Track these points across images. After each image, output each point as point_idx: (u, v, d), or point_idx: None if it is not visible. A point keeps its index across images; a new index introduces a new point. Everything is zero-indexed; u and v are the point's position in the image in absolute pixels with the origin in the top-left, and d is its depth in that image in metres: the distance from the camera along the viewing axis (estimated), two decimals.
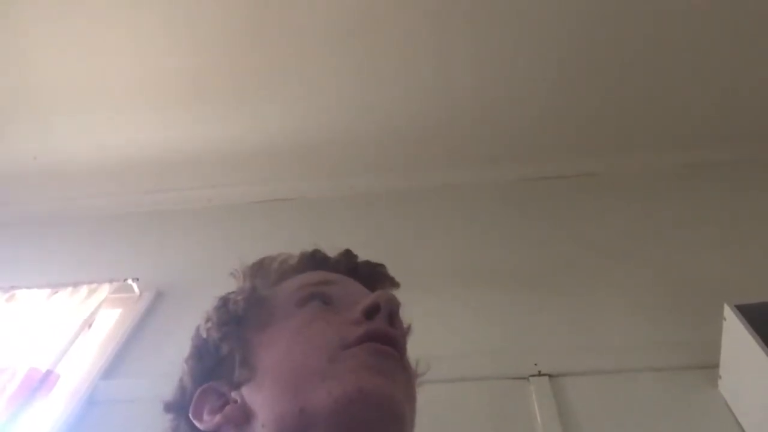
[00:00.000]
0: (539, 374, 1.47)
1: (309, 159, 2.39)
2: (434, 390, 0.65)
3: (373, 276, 0.66)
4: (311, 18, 1.92)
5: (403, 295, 0.63)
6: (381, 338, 0.52)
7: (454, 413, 1.38)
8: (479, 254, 1.98)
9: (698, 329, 1.48)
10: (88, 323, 1.84)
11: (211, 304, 0.62)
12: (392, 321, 0.54)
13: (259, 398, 0.51)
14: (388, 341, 0.52)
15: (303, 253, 0.67)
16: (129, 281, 1.96)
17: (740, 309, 1.25)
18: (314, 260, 0.66)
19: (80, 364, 1.74)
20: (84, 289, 1.93)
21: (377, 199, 2.34)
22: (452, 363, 1.47)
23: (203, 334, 0.60)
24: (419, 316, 0.64)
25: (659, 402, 1.38)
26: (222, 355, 0.56)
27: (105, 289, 1.92)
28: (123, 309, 1.95)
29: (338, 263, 0.66)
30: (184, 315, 1.87)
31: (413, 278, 0.70)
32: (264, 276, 0.65)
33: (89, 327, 1.84)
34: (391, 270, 0.69)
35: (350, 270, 0.65)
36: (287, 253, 0.68)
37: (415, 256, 1.94)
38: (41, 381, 1.60)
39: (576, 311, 1.68)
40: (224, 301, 0.62)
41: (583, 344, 1.57)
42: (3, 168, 2.41)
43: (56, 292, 1.93)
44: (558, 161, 2.32)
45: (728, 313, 1.27)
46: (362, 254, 0.69)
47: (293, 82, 2.13)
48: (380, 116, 2.23)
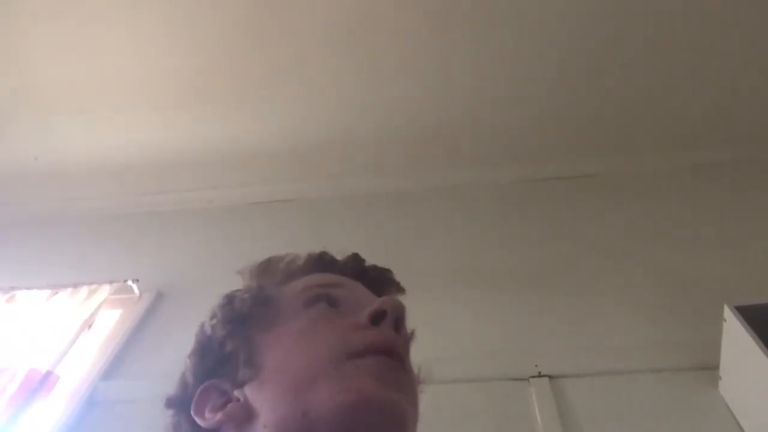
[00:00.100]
0: (539, 375, 1.47)
1: (309, 159, 2.39)
2: (434, 391, 0.65)
3: (380, 281, 0.66)
4: (311, 18, 1.92)
5: (403, 296, 0.63)
6: (386, 350, 0.52)
7: (455, 414, 1.38)
8: (479, 255, 1.98)
9: (698, 330, 1.48)
10: (88, 324, 1.84)
11: (217, 301, 0.62)
12: (398, 327, 0.54)
13: (262, 398, 0.50)
14: (393, 353, 0.52)
15: (310, 255, 0.67)
16: (129, 282, 1.96)
17: (740, 310, 1.25)
18: (322, 262, 0.66)
19: (80, 365, 1.75)
20: (84, 290, 1.93)
21: (377, 200, 2.34)
22: (452, 364, 1.47)
23: (207, 331, 0.60)
24: (419, 317, 0.64)
25: (659, 403, 1.38)
26: (226, 353, 0.56)
27: (105, 290, 1.92)
28: (123, 310, 1.95)
29: (345, 266, 0.66)
30: (185, 316, 1.87)
31: (413, 279, 0.70)
32: (271, 275, 0.65)
33: (89, 328, 1.84)
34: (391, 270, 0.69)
35: (357, 274, 0.65)
36: (294, 254, 0.67)
37: (415, 257, 1.94)
38: (41, 382, 1.60)
39: (576, 312, 1.68)
40: (230, 299, 0.61)
41: (584, 345, 1.57)
42: (3, 168, 2.41)
43: (56, 293, 1.93)
44: (558, 161, 2.32)
45: (728, 314, 1.27)
46: (362, 255, 0.69)
47: (293, 82, 2.13)
48: (380, 116, 2.23)
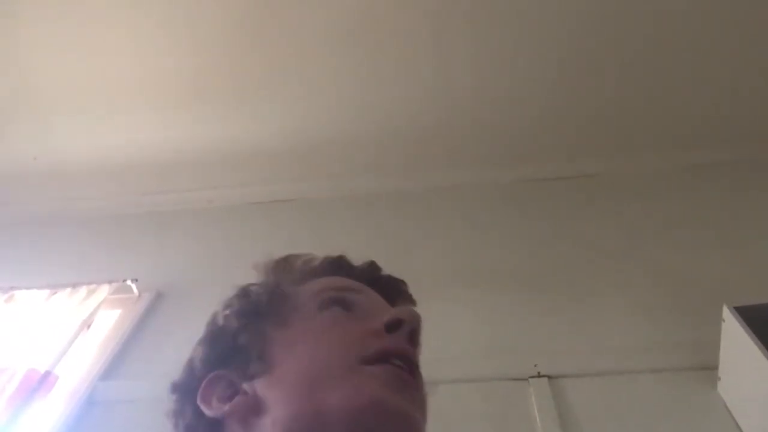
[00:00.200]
0: (539, 375, 1.47)
1: (309, 159, 2.39)
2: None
3: (394, 291, 0.66)
4: (311, 18, 1.93)
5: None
6: (399, 356, 0.52)
7: (454, 414, 1.38)
8: (479, 255, 1.98)
9: (697, 330, 1.48)
10: (87, 324, 1.84)
11: (232, 292, 0.62)
12: (412, 338, 0.55)
13: (273, 395, 0.51)
14: (407, 360, 0.52)
15: (327, 257, 0.67)
16: (128, 282, 1.96)
17: (739, 310, 1.25)
18: (338, 266, 0.66)
19: (79, 365, 1.74)
20: (83, 290, 1.92)
21: (377, 200, 2.33)
22: (452, 364, 1.47)
23: (220, 321, 0.60)
24: None
25: (658, 403, 1.38)
26: (238, 345, 0.56)
27: (104, 290, 1.92)
28: (122, 310, 1.95)
29: (362, 273, 0.66)
30: (184, 316, 1.88)
31: (413, 279, 0.70)
32: (287, 273, 0.65)
33: (88, 328, 1.84)
34: (391, 271, 0.69)
35: (372, 281, 0.65)
36: (311, 254, 0.68)
37: (415, 257, 1.94)
38: (40, 382, 1.60)
39: (575, 312, 1.68)
40: (246, 292, 0.62)
41: (583, 345, 1.57)
42: (3, 168, 2.41)
43: (55, 293, 1.93)
44: (558, 162, 2.32)
45: (727, 315, 1.27)
46: (362, 255, 0.69)
47: (293, 82, 2.13)
48: (380, 116, 2.23)
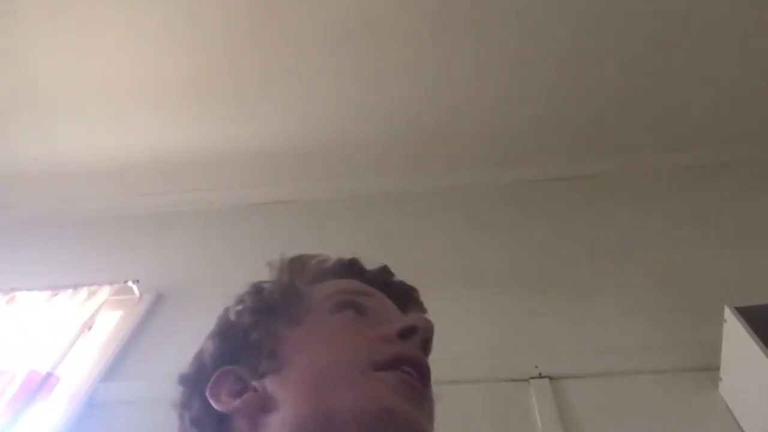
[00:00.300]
0: (539, 376, 1.47)
1: (309, 160, 2.39)
2: (434, 392, 0.65)
3: (406, 297, 0.66)
4: (311, 18, 1.92)
5: None
6: (411, 364, 0.52)
7: (454, 415, 1.37)
8: (479, 256, 1.98)
9: (699, 331, 1.48)
10: (88, 325, 1.84)
11: (244, 288, 0.62)
12: (425, 347, 0.55)
13: (283, 394, 0.51)
14: (419, 368, 0.52)
15: (340, 259, 0.67)
16: (129, 283, 1.96)
17: (740, 311, 1.25)
18: (351, 269, 0.66)
19: (80, 367, 1.74)
20: (84, 291, 1.92)
21: (377, 201, 2.33)
22: (452, 365, 1.47)
23: (232, 317, 0.60)
24: None
25: (660, 404, 1.38)
26: (250, 342, 0.56)
27: (105, 291, 1.92)
28: (123, 311, 1.95)
29: (375, 277, 0.66)
30: (185, 317, 1.89)
31: (413, 279, 0.69)
32: (301, 273, 0.65)
33: (89, 329, 1.84)
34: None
35: (384, 286, 0.65)
36: (324, 255, 0.68)
37: (415, 258, 1.94)
38: (41, 383, 1.60)
39: (576, 313, 1.68)
40: (259, 289, 0.61)
41: (584, 346, 1.57)
42: (3, 169, 2.41)
43: (56, 294, 1.93)
44: (558, 162, 2.32)
45: (728, 315, 1.27)
46: (363, 256, 0.69)
47: (293, 83, 2.13)
48: (380, 116, 2.23)
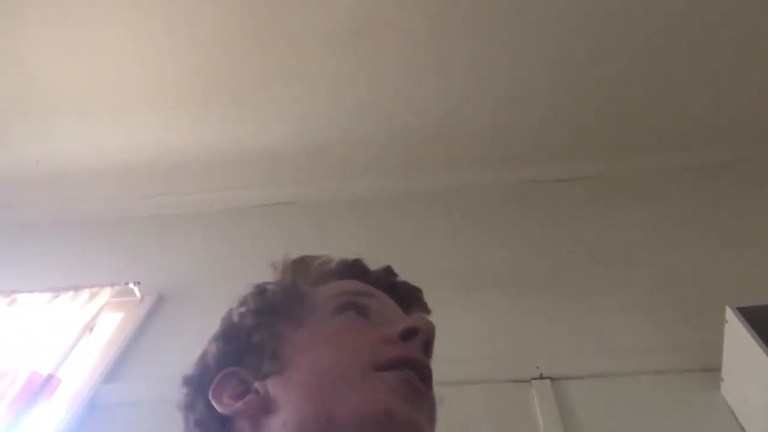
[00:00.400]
0: (541, 377, 1.47)
1: (309, 161, 2.39)
2: (435, 393, 0.65)
3: (409, 298, 0.66)
4: (311, 18, 1.92)
5: None
6: (413, 365, 0.52)
7: (456, 416, 1.37)
8: (480, 257, 1.98)
9: (700, 331, 1.48)
10: (90, 327, 1.84)
11: (247, 290, 0.62)
12: (426, 348, 0.55)
13: (285, 396, 0.51)
14: (420, 369, 0.52)
15: (343, 260, 0.67)
16: (130, 285, 1.96)
17: (742, 311, 1.25)
18: (354, 270, 0.66)
19: (81, 368, 1.75)
20: (85, 293, 1.92)
21: (378, 202, 2.33)
22: (453, 366, 1.46)
23: (235, 318, 0.60)
24: None
25: (661, 405, 1.38)
26: (252, 343, 0.56)
27: (106, 293, 1.92)
28: (124, 313, 1.95)
29: (378, 278, 0.66)
30: (186, 319, 1.89)
31: (413, 280, 0.69)
32: (304, 274, 0.65)
33: (90, 331, 1.84)
34: None
35: (387, 287, 0.65)
36: (328, 256, 0.68)
37: (416, 259, 1.93)
38: (42, 385, 1.60)
39: (577, 314, 1.68)
40: (262, 290, 0.62)
41: (585, 347, 1.57)
42: (5, 171, 2.41)
43: (57, 296, 1.93)
44: (558, 163, 2.32)
45: (730, 316, 1.27)
46: (363, 257, 0.69)
47: (293, 83, 2.13)
48: (380, 117, 2.23)
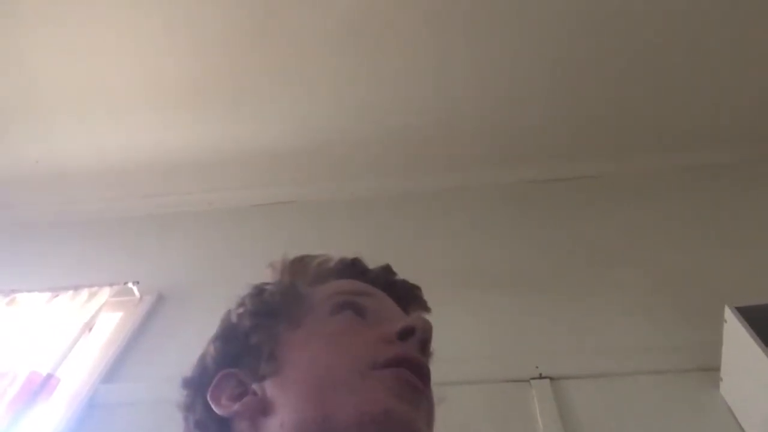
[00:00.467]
0: (540, 377, 1.47)
1: (309, 161, 2.39)
2: (434, 393, 0.65)
3: (408, 296, 0.66)
4: (311, 19, 1.92)
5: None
6: (410, 365, 0.52)
7: (455, 416, 1.37)
8: (480, 256, 1.98)
9: (699, 331, 1.48)
10: (89, 327, 1.84)
11: (246, 291, 0.62)
12: (423, 347, 0.55)
13: (282, 397, 0.51)
14: (418, 369, 0.52)
15: (342, 259, 0.67)
16: (130, 284, 1.96)
17: (741, 311, 1.25)
18: (353, 269, 0.66)
19: (81, 368, 1.75)
20: (84, 293, 1.92)
21: (377, 201, 2.34)
22: (453, 366, 1.46)
23: (233, 319, 0.60)
24: None
25: (660, 405, 1.38)
26: (250, 345, 0.56)
27: (105, 293, 1.92)
28: (124, 312, 1.95)
29: (377, 277, 0.66)
30: (185, 318, 1.89)
31: (413, 280, 0.69)
32: (302, 274, 0.65)
33: (90, 330, 1.84)
34: None
35: (386, 285, 0.65)
36: (326, 255, 0.67)
37: (416, 259, 1.93)
38: (42, 385, 1.60)
39: (577, 313, 1.67)
40: (260, 291, 0.62)
41: (584, 347, 1.57)
42: (4, 171, 2.41)
43: (57, 296, 1.93)
44: (558, 163, 2.32)
45: (729, 315, 1.27)
46: (363, 256, 0.69)
47: (293, 83, 2.13)
48: (380, 117, 2.23)
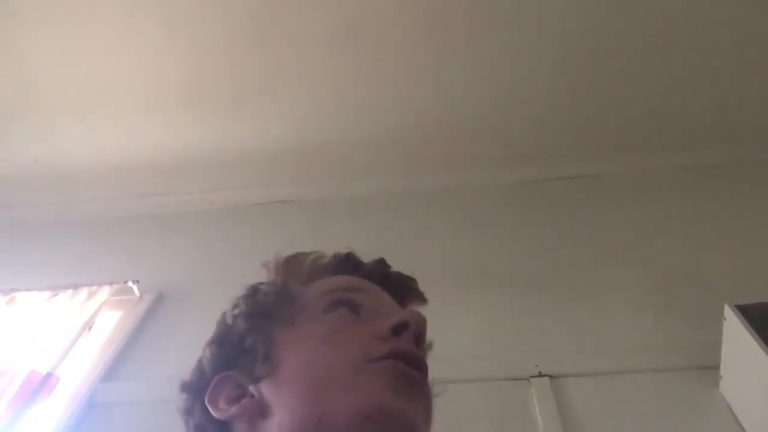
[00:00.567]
0: (540, 375, 1.47)
1: (309, 161, 2.39)
2: (435, 388, 0.65)
3: (403, 289, 0.66)
4: (311, 19, 1.92)
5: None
6: (405, 358, 0.52)
7: (455, 414, 1.37)
8: (480, 256, 1.98)
9: (699, 330, 1.48)
10: (89, 326, 1.84)
11: (241, 292, 0.62)
12: (418, 341, 0.55)
13: (278, 398, 0.51)
14: (413, 361, 0.52)
15: (336, 255, 0.67)
16: (129, 283, 1.96)
17: (740, 309, 1.25)
18: (347, 264, 0.66)
19: (80, 367, 1.75)
20: (84, 292, 1.92)
21: (377, 201, 2.34)
22: (453, 364, 1.47)
23: (229, 321, 0.60)
24: None
25: (660, 403, 1.38)
26: (245, 347, 0.56)
27: (105, 292, 1.92)
28: (123, 311, 1.95)
29: (371, 271, 0.65)
30: (185, 317, 1.89)
31: None
32: (296, 272, 0.65)
33: (89, 329, 1.84)
34: None
35: (381, 279, 0.65)
36: (320, 252, 0.67)
37: (416, 258, 1.91)
38: (41, 383, 1.60)
39: (576, 312, 1.68)
40: (254, 292, 0.62)
41: (584, 345, 1.57)
42: (3, 170, 2.41)
43: (56, 295, 1.93)
44: (558, 162, 2.32)
45: (728, 314, 1.27)
46: (363, 256, 0.69)
47: (293, 83, 2.13)
48: (380, 117, 2.23)
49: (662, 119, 2.21)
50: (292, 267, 0.66)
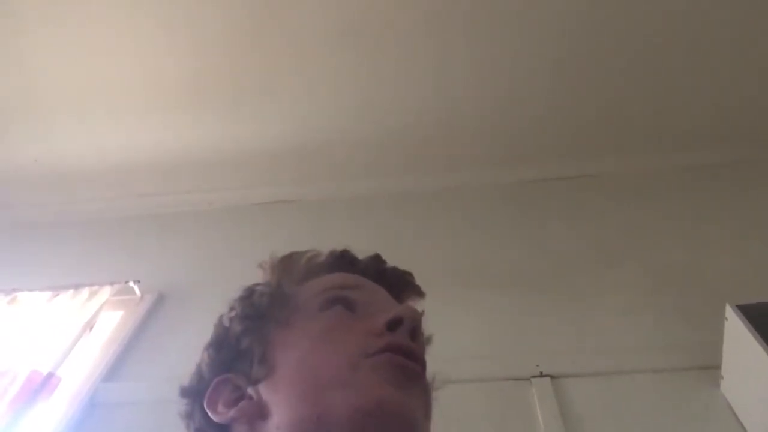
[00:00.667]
0: (541, 375, 1.48)
1: (309, 161, 2.39)
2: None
3: (400, 284, 0.66)
4: (311, 18, 1.92)
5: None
6: (401, 352, 0.52)
7: (456, 414, 1.37)
8: (480, 256, 1.98)
9: (700, 330, 1.48)
10: (90, 326, 1.84)
11: (237, 294, 0.62)
12: (414, 335, 0.54)
13: (276, 399, 0.51)
14: (409, 354, 0.52)
15: (332, 253, 0.66)
16: (130, 283, 1.96)
17: (742, 309, 1.25)
18: (342, 261, 0.66)
19: (81, 367, 1.75)
20: (85, 292, 1.92)
21: (377, 201, 2.34)
22: (454, 364, 1.46)
23: (225, 324, 0.60)
24: None
25: (661, 403, 1.38)
26: (241, 349, 0.56)
27: (106, 292, 1.92)
28: (124, 311, 1.95)
29: (367, 267, 0.65)
30: (186, 317, 1.89)
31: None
32: (291, 272, 0.64)
33: (90, 329, 1.84)
34: None
35: (377, 275, 0.65)
36: (316, 251, 0.67)
37: (416, 258, 1.91)
38: (42, 384, 1.60)
39: (577, 312, 1.68)
40: (250, 293, 0.62)
41: (585, 345, 1.57)
42: (4, 170, 2.41)
43: (57, 295, 1.93)
44: (558, 162, 2.32)
45: (730, 313, 1.27)
46: (363, 256, 0.69)
47: (293, 83, 2.13)
48: (380, 117, 2.23)
49: (662, 119, 2.21)
50: (288, 266, 0.65)
